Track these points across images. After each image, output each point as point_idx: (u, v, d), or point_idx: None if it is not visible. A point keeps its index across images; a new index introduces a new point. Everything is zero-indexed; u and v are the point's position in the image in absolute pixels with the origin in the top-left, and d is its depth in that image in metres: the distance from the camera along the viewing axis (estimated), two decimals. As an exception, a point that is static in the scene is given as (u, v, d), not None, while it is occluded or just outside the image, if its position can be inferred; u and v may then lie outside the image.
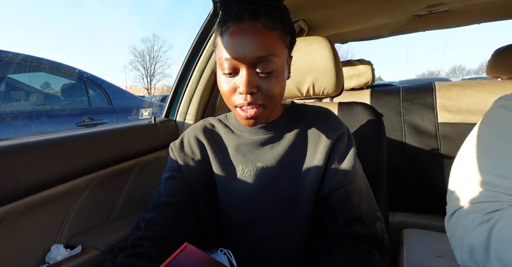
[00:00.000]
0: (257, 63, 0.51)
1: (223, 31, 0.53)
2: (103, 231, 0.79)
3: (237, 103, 0.54)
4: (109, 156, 0.82)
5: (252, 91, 0.52)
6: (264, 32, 0.51)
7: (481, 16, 1.50)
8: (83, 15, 54.81)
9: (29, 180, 0.64)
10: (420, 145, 1.36)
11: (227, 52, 0.52)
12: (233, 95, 0.54)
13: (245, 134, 0.64)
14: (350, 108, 0.91)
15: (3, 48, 2.59)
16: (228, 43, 0.52)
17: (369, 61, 1.69)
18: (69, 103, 2.46)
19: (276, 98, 0.55)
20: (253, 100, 0.52)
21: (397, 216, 1.25)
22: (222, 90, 0.55)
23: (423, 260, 0.73)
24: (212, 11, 1.06)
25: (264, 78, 0.52)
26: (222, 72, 0.54)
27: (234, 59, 0.51)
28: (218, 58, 0.54)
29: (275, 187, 0.60)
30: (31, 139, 0.67)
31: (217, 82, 0.57)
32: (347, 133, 0.62)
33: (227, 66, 0.52)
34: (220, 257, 0.58)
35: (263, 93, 0.53)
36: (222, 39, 0.53)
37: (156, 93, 24.38)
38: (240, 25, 0.51)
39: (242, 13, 0.51)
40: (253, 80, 0.52)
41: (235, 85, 0.53)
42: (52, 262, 0.67)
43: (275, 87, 0.54)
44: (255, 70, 0.52)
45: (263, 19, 0.51)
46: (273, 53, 0.52)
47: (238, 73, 0.53)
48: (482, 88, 1.31)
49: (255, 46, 0.50)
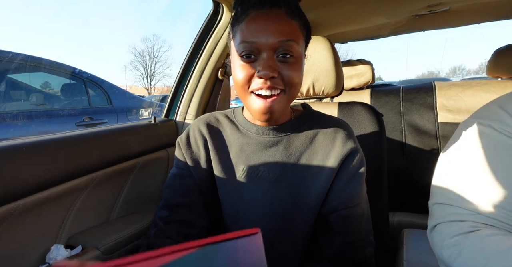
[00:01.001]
0: (278, 48, 0.51)
1: (242, 19, 0.53)
2: (103, 231, 0.79)
3: (255, 87, 0.52)
4: (109, 156, 0.82)
5: (272, 75, 0.51)
6: (286, 19, 0.52)
7: (481, 16, 1.50)
8: (83, 15, 54.84)
9: (29, 180, 0.64)
10: (420, 144, 1.36)
11: (248, 36, 0.51)
12: (251, 81, 0.53)
13: (251, 133, 0.61)
14: (350, 108, 0.91)
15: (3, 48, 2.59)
16: (249, 28, 0.51)
17: (369, 61, 1.69)
18: (69, 103, 2.46)
19: (295, 87, 0.54)
20: (272, 84, 0.51)
21: (397, 216, 1.25)
22: (238, 78, 0.53)
23: (423, 260, 0.73)
24: (212, 11, 1.06)
25: (284, 64, 0.52)
26: (241, 58, 0.53)
27: (256, 43, 0.51)
28: (236, 45, 0.53)
29: (275, 196, 0.57)
30: (31, 139, 0.67)
31: (232, 73, 0.56)
32: (359, 151, 0.59)
33: (247, 50, 0.52)
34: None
35: (283, 79, 0.52)
36: (241, 26, 0.53)
37: (156, 93, 24.37)
38: (262, 11, 0.52)
39: (264, 2, 0.52)
40: (274, 64, 0.51)
41: (254, 70, 0.52)
42: (52, 262, 0.67)
43: (295, 74, 0.53)
44: (275, 56, 0.52)
45: (284, 8, 0.52)
46: (294, 39, 0.52)
47: (257, 58, 0.52)
48: (482, 88, 1.31)
49: (278, 30, 0.50)
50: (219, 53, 1.09)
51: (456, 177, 0.51)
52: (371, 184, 0.64)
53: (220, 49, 1.09)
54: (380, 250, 0.82)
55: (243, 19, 0.53)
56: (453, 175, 0.51)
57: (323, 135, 0.60)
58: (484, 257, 0.42)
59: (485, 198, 0.46)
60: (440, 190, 0.52)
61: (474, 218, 0.46)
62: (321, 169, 0.57)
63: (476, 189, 0.47)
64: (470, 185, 0.48)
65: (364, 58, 1.71)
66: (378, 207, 0.82)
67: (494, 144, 0.48)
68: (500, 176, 0.46)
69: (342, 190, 0.56)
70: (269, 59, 0.51)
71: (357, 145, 0.59)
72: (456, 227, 0.47)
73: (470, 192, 0.48)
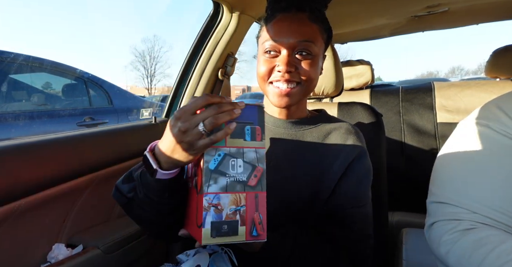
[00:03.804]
0: (297, 46, 0.58)
1: (270, 20, 0.61)
2: (103, 231, 0.79)
3: (273, 79, 0.60)
4: (110, 156, 0.83)
5: (289, 70, 0.58)
6: (308, 23, 0.59)
7: (480, 17, 1.50)
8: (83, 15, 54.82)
9: (30, 179, 0.64)
10: (419, 144, 1.36)
11: (272, 35, 0.59)
12: (270, 74, 0.60)
13: (268, 124, 0.66)
14: (350, 108, 0.91)
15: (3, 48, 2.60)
16: (274, 29, 0.60)
17: (369, 61, 1.69)
18: (70, 104, 2.47)
19: (311, 81, 0.61)
20: (290, 77, 0.58)
21: (396, 216, 1.25)
22: (261, 71, 0.61)
23: (422, 259, 0.74)
24: (213, 12, 1.07)
25: (301, 60, 0.59)
26: (264, 54, 0.60)
27: (278, 42, 0.58)
28: (262, 43, 0.62)
29: (283, 186, 0.60)
30: (31, 138, 0.67)
31: (257, 66, 0.63)
32: (368, 156, 0.63)
33: (270, 48, 0.59)
34: (222, 256, 0.59)
35: (299, 73, 0.59)
36: (268, 26, 0.61)
37: (156, 93, 24.35)
38: (288, 14, 0.60)
39: (291, 5, 0.60)
40: (292, 60, 0.58)
41: (274, 64, 0.59)
42: (53, 261, 0.68)
43: (311, 70, 0.60)
44: (294, 54, 0.59)
45: (308, 13, 0.60)
46: (312, 40, 0.59)
47: (279, 55, 0.59)
48: (481, 88, 1.31)
49: (298, 32, 0.58)
50: (219, 54, 1.10)
51: (454, 176, 0.51)
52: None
53: (220, 50, 1.09)
54: (379, 249, 0.83)
55: (271, 21, 0.61)
56: (450, 174, 0.52)
57: (335, 135, 0.64)
58: (480, 255, 0.42)
59: (482, 198, 0.47)
60: (438, 189, 0.53)
61: (470, 217, 0.47)
62: (330, 166, 0.61)
63: (473, 189, 0.48)
64: (467, 184, 0.49)
65: (363, 58, 1.72)
66: (377, 207, 0.82)
67: (492, 144, 0.49)
68: (497, 176, 0.47)
69: (349, 189, 0.60)
70: (288, 56, 0.58)
71: (365, 150, 0.63)
72: (452, 225, 0.47)
73: (467, 191, 0.48)
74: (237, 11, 1.04)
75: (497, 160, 0.48)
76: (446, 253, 0.47)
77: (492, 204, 0.46)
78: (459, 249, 0.45)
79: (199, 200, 0.44)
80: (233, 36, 1.08)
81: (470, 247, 0.44)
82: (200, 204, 0.43)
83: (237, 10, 1.03)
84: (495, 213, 0.45)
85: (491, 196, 0.46)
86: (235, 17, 1.05)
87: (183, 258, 0.59)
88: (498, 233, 0.44)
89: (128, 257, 0.80)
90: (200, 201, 0.43)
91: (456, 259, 0.45)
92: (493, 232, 0.44)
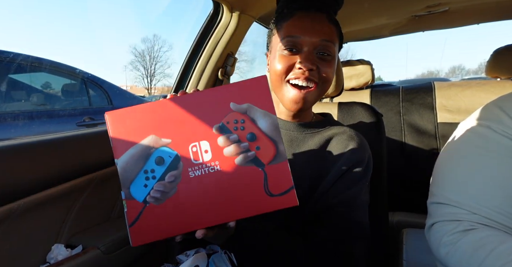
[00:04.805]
0: (319, 46, 0.58)
1: (289, 17, 0.60)
2: (103, 231, 0.79)
3: (292, 77, 0.58)
4: (110, 156, 0.82)
5: (312, 68, 0.57)
6: (327, 23, 0.60)
7: (480, 17, 1.50)
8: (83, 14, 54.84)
9: (30, 179, 0.64)
10: (420, 144, 1.36)
11: (294, 32, 0.58)
12: (289, 71, 0.58)
13: None
14: (350, 108, 0.91)
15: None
16: (295, 25, 0.59)
17: (369, 61, 1.69)
18: (70, 103, 2.46)
19: (327, 83, 0.61)
20: (310, 76, 0.57)
21: (397, 216, 1.25)
22: (278, 68, 0.59)
23: (423, 259, 0.74)
24: (213, 12, 1.07)
25: (321, 60, 0.59)
26: (283, 50, 0.59)
27: (301, 38, 0.57)
28: (280, 39, 0.60)
29: None
30: (31, 138, 0.67)
31: (271, 64, 0.61)
32: (367, 160, 0.62)
33: (291, 44, 0.58)
34: (221, 257, 0.58)
35: (319, 73, 0.58)
36: (287, 23, 0.60)
37: (156, 93, 24.36)
38: (308, 12, 0.59)
39: (310, 4, 0.60)
40: (313, 58, 0.58)
41: (293, 61, 0.58)
42: (53, 261, 0.68)
43: (329, 71, 0.60)
44: (315, 52, 0.58)
45: (326, 14, 0.60)
46: (332, 41, 0.59)
47: (299, 52, 0.59)
48: (481, 88, 1.31)
49: (321, 31, 0.58)
50: (219, 53, 1.09)
51: (454, 176, 0.51)
52: (370, 183, 0.65)
53: (220, 49, 1.09)
54: (379, 249, 0.83)
55: (290, 18, 0.60)
56: (450, 175, 0.52)
57: (336, 141, 0.63)
58: (480, 255, 0.42)
59: (482, 199, 0.47)
60: (438, 190, 0.53)
61: (470, 218, 0.47)
62: (326, 172, 0.60)
63: (473, 189, 0.48)
64: (467, 185, 0.49)
65: (363, 58, 1.71)
66: (377, 207, 0.82)
67: (492, 145, 0.48)
68: (497, 177, 0.47)
69: (340, 191, 0.58)
70: (310, 54, 0.58)
71: (367, 155, 0.62)
72: (453, 226, 0.47)
73: (467, 192, 0.48)
74: (237, 11, 1.04)
75: (498, 160, 0.47)
76: (446, 253, 0.47)
77: (492, 205, 0.46)
78: (459, 249, 0.45)
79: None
80: (233, 36, 1.08)
81: (470, 247, 0.44)
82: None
83: (237, 10, 1.03)
84: (495, 214, 0.45)
85: (491, 197, 0.46)
86: (235, 17, 1.05)
87: (183, 258, 0.59)
88: (498, 234, 0.44)
89: (128, 257, 0.80)
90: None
91: (456, 259, 0.45)
92: (493, 233, 0.44)
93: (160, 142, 0.40)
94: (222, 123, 0.40)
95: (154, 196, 0.39)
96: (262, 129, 0.41)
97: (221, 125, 0.40)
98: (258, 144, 0.40)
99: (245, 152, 0.40)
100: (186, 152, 0.40)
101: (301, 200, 0.59)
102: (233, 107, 0.40)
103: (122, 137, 0.39)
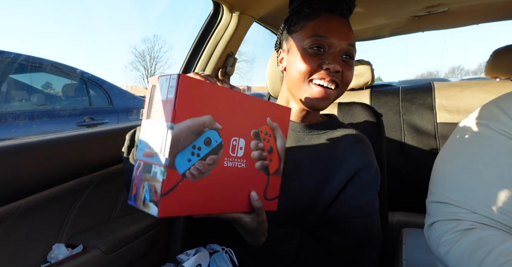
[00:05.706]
0: (345, 49, 0.59)
1: (313, 17, 0.59)
2: (104, 231, 0.79)
3: (317, 77, 0.58)
4: (110, 156, 0.82)
5: (339, 70, 0.57)
6: (350, 28, 0.61)
7: (480, 17, 1.50)
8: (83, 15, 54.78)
9: (30, 179, 0.64)
10: (419, 144, 1.36)
11: (322, 32, 0.58)
12: (314, 71, 0.58)
13: None
14: (350, 108, 0.91)
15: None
16: (324, 25, 0.58)
17: (369, 61, 1.69)
18: (70, 104, 2.47)
19: (345, 87, 0.62)
20: (335, 77, 0.58)
21: (396, 216, 1.25)
22: (301, 67, 0.58)
23: (422, 259, 0.74)
24: (213, 12, 1.07)
25: (345, 64, 0.60)
26: (309, 49, 0.58)
27: (329, 39, 0.57)
28: (305, 37, 0.59)
29: (287, 188, 0.59)
30: (31, 138, 0.67)
31: (292, 63, 0.60)
32: (374, 166, 0.62)
33: (319, 44, 0.58)
34: (222, 256, 0.59)
35: (342, 76, 0.59)
36: (312, 23, 0.59)
37: (156, 93, 24.25)
38: (333, 15, 0.60)
39: (335, 8, 0.60)
40: (340, 61, 0.59)
41: (319, 62, 0.57)
42: (53, 261, 0.68)
43: (350, 74, 0.61)
44: (340, 55, 0.59)
45: (346, 19, 0.62)
46: (355, 46, 0.61)
47: (325, 52, 0.58)
48: (481, 88, 1.31)
49: (348, 35, 0.59)
50: (219, 54, 1.10)
51: (453, 176, 0.51)
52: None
53: (220, 50, 1.09)
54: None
55: (316, 18, 0.59)
56: (450, 174, 0.52)
57: (342, 143, 0.63)
58: (479, 255, 0.42)
59: (482, 198, 0.47)
60: (437, 189, 0.53)
61: (470, 217, 0.47)
62: (334, 174, 0.60)
63: (472, 189, 0.48)
64: (467, 184, 0.49)
65: (363, 58, 1.72)
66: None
67: (492, 144, 0.49)
68: (497, 176, 0.47)
69: (352, 198, 0.59)
70: (337, 56, 0.58)
71: (373, 160, 0.62)
72: (452, 225, 0.47)
73: (467, 191, 0.48)
74: (237, 11, 1.04)
75: (497, 160, 0.48)
76: (445, 253, 0.47)
77: (492, 204, 0.46)
78: (459, 249, 0.45)
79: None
80: (233, 36, 1.08)
81: (470, 247, 0.44)
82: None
83: (237, 10, 1.03)
84: (495, 213, 0.45)
85: (491, 196, 0.46)
86: (235, 17, 1.05)
87: (184, 257, 0.59)
88: (498, 233, 0.44)
89: (128, 257, 0.80)
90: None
91: (456, 259, 0.45)
92: (493, 232, 0.44)
93: (214, 124, 0.41)
94: (258, 131, 0.46)
95: (192, 172, 0.39)
96: (278, 147, 0.49)
97: (257, 131, 0.46)
98: (272, 157, 0.49)
99: (263, 159, 0.47)
100: (228, 143, 0.43)
101: (307, 201, 0.60)
102: (268, 122, 0.47)
103: (187, 104, 0.38)
